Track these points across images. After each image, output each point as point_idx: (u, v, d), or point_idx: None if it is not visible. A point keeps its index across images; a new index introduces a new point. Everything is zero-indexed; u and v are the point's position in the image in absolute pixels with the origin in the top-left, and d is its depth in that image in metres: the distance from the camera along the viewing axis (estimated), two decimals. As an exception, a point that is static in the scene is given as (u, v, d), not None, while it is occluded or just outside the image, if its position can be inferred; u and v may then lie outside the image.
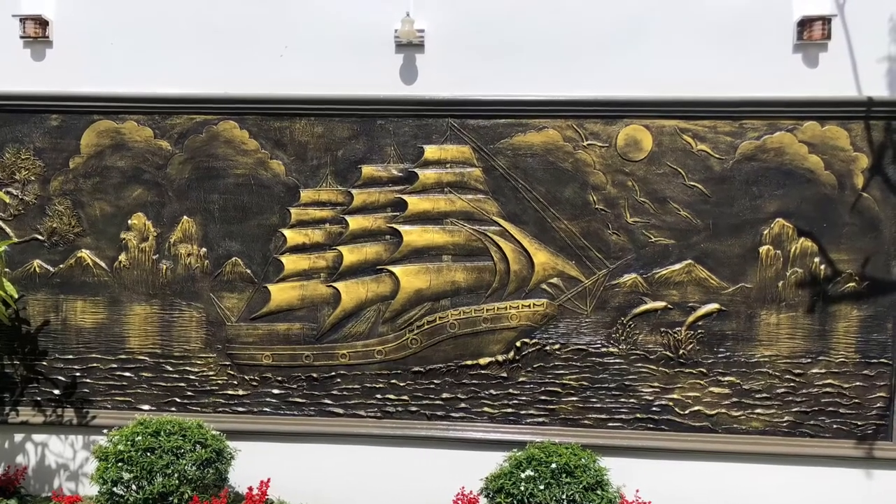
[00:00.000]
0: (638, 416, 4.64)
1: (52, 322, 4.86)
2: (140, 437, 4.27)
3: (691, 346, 4.60)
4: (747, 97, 4.48)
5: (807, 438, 4.56)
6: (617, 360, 4.64)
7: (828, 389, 4.55)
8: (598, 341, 4.64)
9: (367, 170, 4.69)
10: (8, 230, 4.83)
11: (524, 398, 4.69)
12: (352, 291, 4.73)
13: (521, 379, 4.68)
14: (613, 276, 4.62)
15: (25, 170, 4.80)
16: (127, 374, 4.85)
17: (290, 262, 4.74)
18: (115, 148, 4.77)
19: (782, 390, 4.56)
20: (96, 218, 4.81)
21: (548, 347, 4.66)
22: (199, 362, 4.81)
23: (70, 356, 4.86)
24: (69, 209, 4.80)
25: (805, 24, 4.44)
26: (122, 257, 4.81)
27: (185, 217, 4.77)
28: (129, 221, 4.80)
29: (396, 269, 4.70)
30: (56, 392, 4.88)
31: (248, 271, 4.76)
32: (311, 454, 4.78)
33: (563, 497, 4.03)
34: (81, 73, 4.75)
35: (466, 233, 4.67)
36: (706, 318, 4.59)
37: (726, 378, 4.59)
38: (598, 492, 4.09)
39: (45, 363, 4.87)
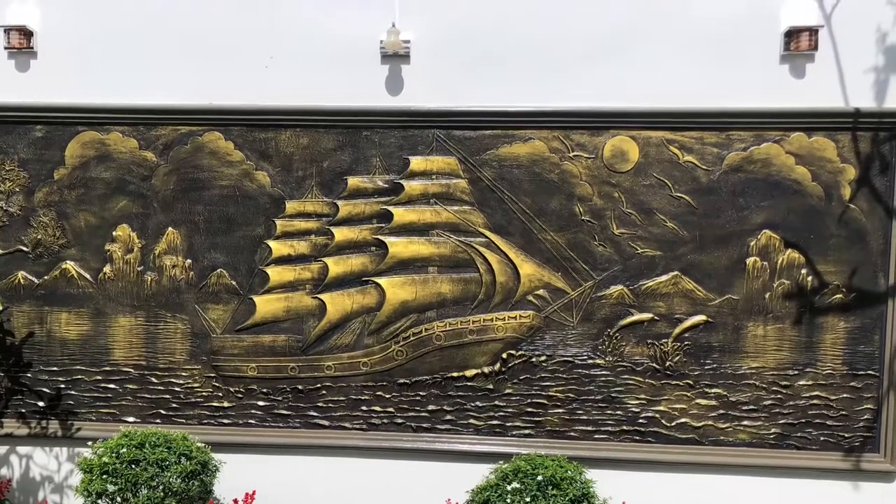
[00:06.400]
0: (624, 428, 4.62)
1: (37, 334, 4.83)
2: (125, 450, 4.25)
3: (678, 357, 4.58)
4: (734, 108, 4.46)
5: (794, 451, 4.54)
6: (603, 372, 4.62)
7: (815, 401, 4.53)
8: (585, 353, 4.62)
9: (353, 181, 4.67)
10: (-8, 242, 4.83)
11: (510, 410, 4.67)
12: (337, 303, 4.71)
13: (507, 391, 4.66)
14: (600, 288, 4.60)
15: (10, 181, 4.78)
16: (112, 385, 4.82)
17: (276, 274, 4.72)
18: (100, 159, 4.75)
19: (769, 402, 4.54)
20: (81, 229, 4.78)
21: (534, 359, 4.64)
22: (184, 374, 4.79)
23: (55, 368, 4.84)
24: (54, 221, 4.78)
25: (792, 34, 4.42)
26: (107, 269, 4.78)
27: (170, 228, 4.75)
28: (114, 233, 4.77)
29: (382, 281, 4.68)
30: (40, 404, 4.85)
31: (234, 283, 4.74)
32: (297, 466, 4.76)
33: (549, 510, 4.02)
34: (66, 84, 4.72)
35: (452, 244, 4.65)
36: (693, 330, 4.57)
37: (713, 390, 4.57)
38: (584, 504, 4.09)
39: (29, 375, 4.85)
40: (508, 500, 4.06)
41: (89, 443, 4.46)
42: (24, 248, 4.81)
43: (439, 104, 4.59)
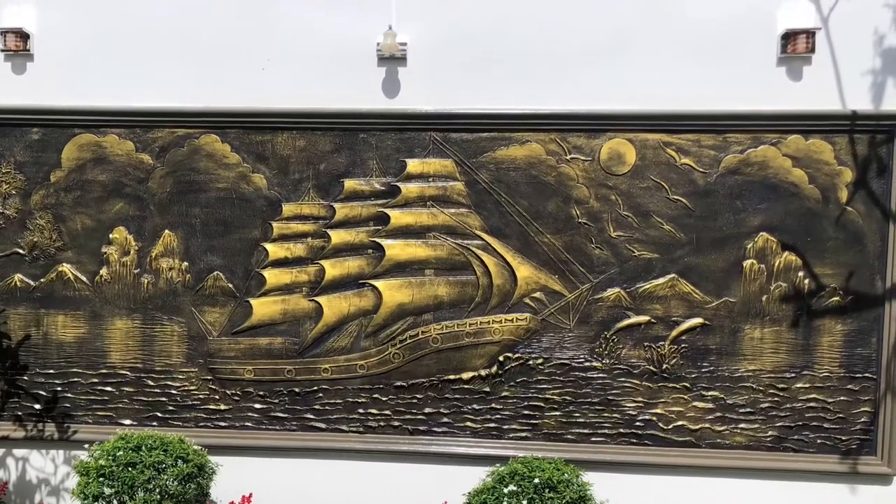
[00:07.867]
0: (621, 430, 4.61)
1: (33, 336, 4.83)
2: (121, 452, 4.24)
3: (675, 360, 4.58)
4: (731, 111, 4.45)
5: (791, 453, 4.54)
6: (600, 375, 4.61)
7: (812, 404, 4.52)
8: (582, 356, 4.62)
9: (350, 183, 4.67)
10: (-11, 244, 4.82)
11: (507, 413, 4.66)
12: (334, 306, 4.71)
13: (503, 393, 4.66)
14: (597, 291, 4.59)
15: (6, 183, 4.77)
16: (108, 388, 4.82)
17: (272, 277, 4.72)
18: (97, 162, 4.74)
19: (766, 405, 4.54)
20: (77, 232, 4.78)
21: (531, 362, 4.63)
22: (180, 377, 4.78)
23: (51, 371, 4.84)
24: (50, 223, 4.77)
25: (789, 37, 4.41)
26: (104, 271, 4.78)
27: (166, 231, 4.74)
28: (111, 235, 4.76)
29: (379, 284, 4.68)
30: (37, 407, 4.85)
31: (230, 285, 4.74)
32: (293, 469, 4.76)
33: (546, 512, 4.02)
34: (63, 86, 4.72)
35: (449, 247, 4.65)
36: (690, 333, 4.57)
37: (710, 393, 4.56)
38: (581, 507, 4.08)
39: (26, 378, 4.84)
40: (505, 503, 4.05)
41: (86, 445, 4.46)
42: (21, 251, 4.80)
43: (436, 106, 4.58)
